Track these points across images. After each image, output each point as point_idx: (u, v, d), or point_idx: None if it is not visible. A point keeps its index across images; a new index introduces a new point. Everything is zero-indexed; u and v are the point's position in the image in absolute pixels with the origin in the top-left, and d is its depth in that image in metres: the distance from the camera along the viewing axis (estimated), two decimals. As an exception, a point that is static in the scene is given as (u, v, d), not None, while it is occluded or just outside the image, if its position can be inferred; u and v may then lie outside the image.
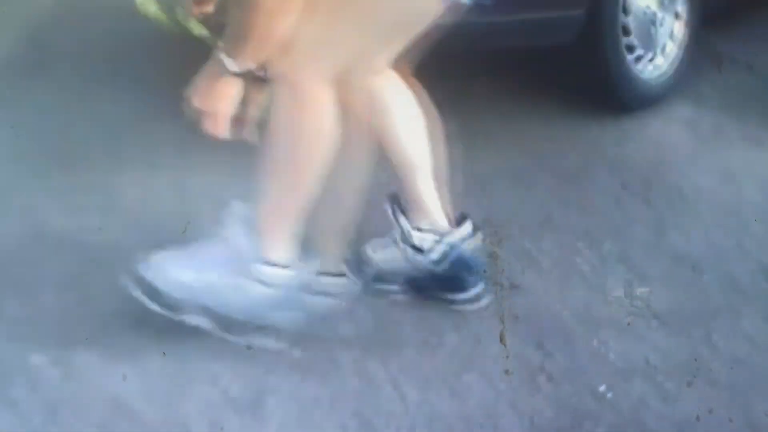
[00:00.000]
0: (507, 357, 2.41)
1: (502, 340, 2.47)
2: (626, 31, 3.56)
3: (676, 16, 3.78)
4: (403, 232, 2.54)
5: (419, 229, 2.53)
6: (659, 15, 3.69)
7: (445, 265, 2.53)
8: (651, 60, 3.70)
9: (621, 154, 3.41)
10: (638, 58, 3.64)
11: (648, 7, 3.64)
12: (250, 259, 2.33)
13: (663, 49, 3.74)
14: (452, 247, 2.53)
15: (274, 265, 2.34)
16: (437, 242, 2.52)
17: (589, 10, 3.36)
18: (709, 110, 3.75)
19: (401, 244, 2.55)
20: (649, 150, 3.47)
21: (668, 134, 3.60)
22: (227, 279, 2.34)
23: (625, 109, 3.65)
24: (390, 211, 2.55)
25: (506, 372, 2.36)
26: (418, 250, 2.53)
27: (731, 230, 2.97)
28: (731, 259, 2.82)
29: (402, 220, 2.54)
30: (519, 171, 3.26)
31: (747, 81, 4.04)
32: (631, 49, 3.59)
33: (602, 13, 3.42)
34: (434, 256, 2.53)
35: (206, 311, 2.35)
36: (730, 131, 3.61)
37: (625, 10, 3.54)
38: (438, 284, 2.56)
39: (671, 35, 3.77)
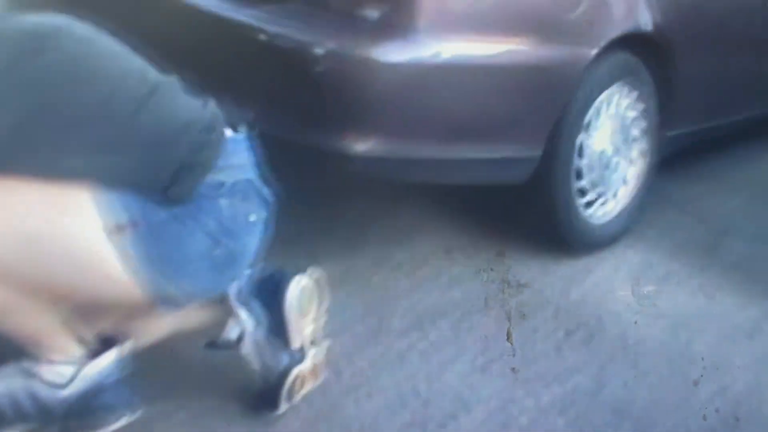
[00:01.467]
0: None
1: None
2: (579, 175, 3.52)
3: (631, 161, 3.77)
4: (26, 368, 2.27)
5: (51, 362, 2.26)
6: (614, 159, 3.67)
7: (79, 402, 2.28)
8: (602, 204, 3.67)
9: (564, 298, 3.34)
10: (589, 203, 3.61)
11: (604, 151, 3.61)
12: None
13: (615, 194, 3.72)
14: (90, 380, 2.28)
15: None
16: (73, 376, 2.27)
17: (545, 152, 3.34)
18: (658, 257, 3.72)
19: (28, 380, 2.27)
20: (594, 295, 3.40)
21: (615, 280, 3.54)
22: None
23: (571, 252, 3.60)
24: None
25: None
26: (52, 385, 2.26)
27: (676, 385, 2.91)
28: (675, 416, 2.75)
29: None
30: (458, 308, 3.17)
31: (697, 230, 4.02)
32: (582, 192, 3.56)
33: (557, 156, 3.39)
34: (67, 392, 2.27)
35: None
36: (679, 281, 3.57)
37: (581, 154, 3.51)
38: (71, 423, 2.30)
39: (624, 180, 3.75)
